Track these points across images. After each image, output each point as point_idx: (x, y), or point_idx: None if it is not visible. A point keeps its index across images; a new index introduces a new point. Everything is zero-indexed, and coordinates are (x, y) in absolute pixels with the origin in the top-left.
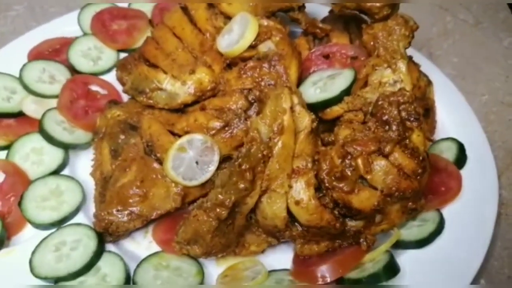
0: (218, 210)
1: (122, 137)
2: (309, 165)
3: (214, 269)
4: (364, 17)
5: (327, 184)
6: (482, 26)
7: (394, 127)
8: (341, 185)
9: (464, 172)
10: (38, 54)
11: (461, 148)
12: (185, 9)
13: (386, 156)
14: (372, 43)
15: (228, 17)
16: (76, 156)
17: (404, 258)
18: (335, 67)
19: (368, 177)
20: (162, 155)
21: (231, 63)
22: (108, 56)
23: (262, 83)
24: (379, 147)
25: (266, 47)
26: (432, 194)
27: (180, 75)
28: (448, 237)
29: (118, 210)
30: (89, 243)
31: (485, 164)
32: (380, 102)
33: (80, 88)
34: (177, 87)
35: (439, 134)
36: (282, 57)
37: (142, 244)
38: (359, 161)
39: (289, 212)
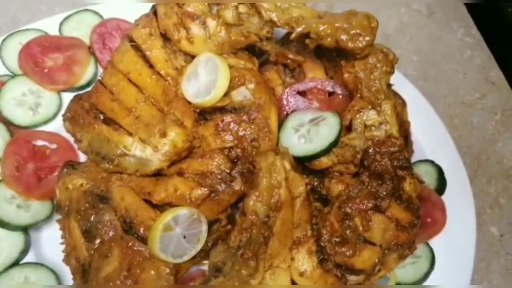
0: None
1: (93, 213)
2: (309, 232)
3: None
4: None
5: (329, 251)
6: (436, 16)
7: (388, 182)
8: (343, 249)
9: (444, 198)
10: None
11: (440, 172)
12: (136, 48)
13: (382, 212)
14: (353, 82)
15: (189, 55)
16: (37, 231)
17: None
18: (313, 105)
19: (367, 234)
20: (143, 233)
21: (201, 111)
22: (49, 100)
23: (243, 141)
24: (375, 203)
25: (240, 94)
26: (420, 227)
27: (149, 139)
28: (438, 267)
29: None
30: None
31: (462, 186)
32: (371, 154)
33: (25, 149)
34: (148, 153)
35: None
36: (261, 107)
37: None
38: (357, 220)
39: (292, 281)
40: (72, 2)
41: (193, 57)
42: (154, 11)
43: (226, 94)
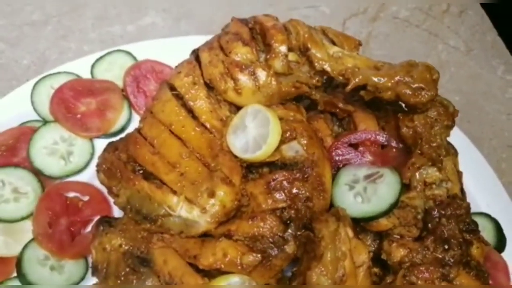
0: None
1: (134, 278)
2: None
3: None
4: None
5: None
6: (474, 54)
7: (455, 248)
8: None
9: (504, 256)
10: None
11: (498, 228)
12: (178, 97)
13: (449, 281)
14: (412, 137)
15: (234, 104)
16: None
17: None
18: (366, 159)
19: None
20: None
21: (248, 165)
22: (81, 149)
23: (297, 200)
24: (443, 272)
25: (292, 149)
26: None
27: (196, 199)
28: None
29: None
30: None
31: None
32: (435, 217)
33: (57, 203)
34: (195, 215)
35: None
36: (315, 163)
37: None
38: None
39: None
40: (100, 39)
41: (238, 107)
42: (195, 57)
43: (276, 148)
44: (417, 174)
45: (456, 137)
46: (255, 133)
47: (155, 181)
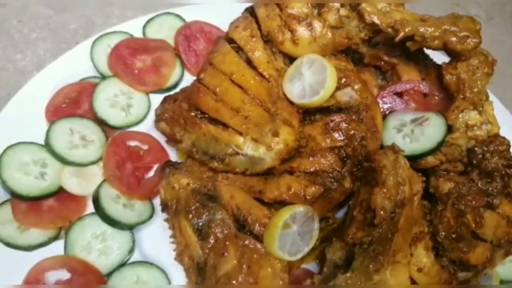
0: None
1: (204, 212)
2: (426, 229)
3: None
4: None
5: (446, 247)
6: (494, 22)
7: (498, 179)
8: (460, 246)
9: None
10: (56, 111)
11: None
12: (237, 49)
13: (494, 209)
14: (455, 83)
15: (287, 56)
16: (137, 231)
17: None
18: (410, 106)
19: (479, 231)
20: (259, 231)
21: (305, 111)
22: (140, 102)
23: (353, 140)
24: (487, 200)
25: (346, 95)
26: None
27: (262, 138)
28: None
29: None
30: None
31: None
32: (479, 153)
33: (123, 150)
34: (261, 152)
35: None
36: (368, 106)
37: None
38: (469, 217)
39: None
40: (141, 4)
41: (291, 59)
42: (251, 12)
43: (331, 95)
44: (460, 116)
45: None
46: (311, 80)
47: (220, 125)
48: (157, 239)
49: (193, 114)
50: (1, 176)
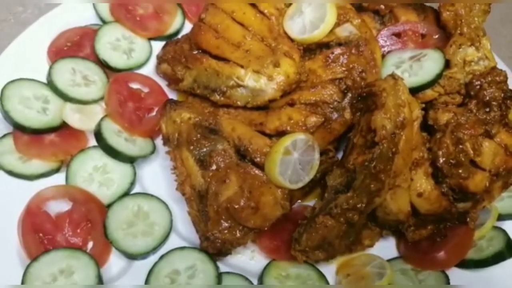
0: (350, 214)
1: (206, 143)
2: (425, 155)
3: (324, 268)
4: None
5: (445, 172)
6: None
7: (496, 108)
8: (458, 171)
9: None
10: (58, 52)
11: None
12: None
13: (491, 137)
14: (453, 19)
15: None
16: (138, 168)
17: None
18: (408, 46)
19: (478, 159)
20: (260, 160)
21: (305, 49)
22: (141, 46)
23: (353, 72)
24: (485, 129)
25: (345, 30)
26: None
27: (263, 69)
28: None
29: (229, 227)
30: (207, 268)
31: None
32: (476, 83)
33: (124, 89)
34: (262, 83)
35: None
36: (368, 41)
37: (245, 255)
38: (468, 145)
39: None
40: None
41: None
42: None
43: (330, 30)
44: (457, 52)
45: None
46: (311, 16)
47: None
48: (158, 176)
49: (194, 52)
50: (3, 107)
